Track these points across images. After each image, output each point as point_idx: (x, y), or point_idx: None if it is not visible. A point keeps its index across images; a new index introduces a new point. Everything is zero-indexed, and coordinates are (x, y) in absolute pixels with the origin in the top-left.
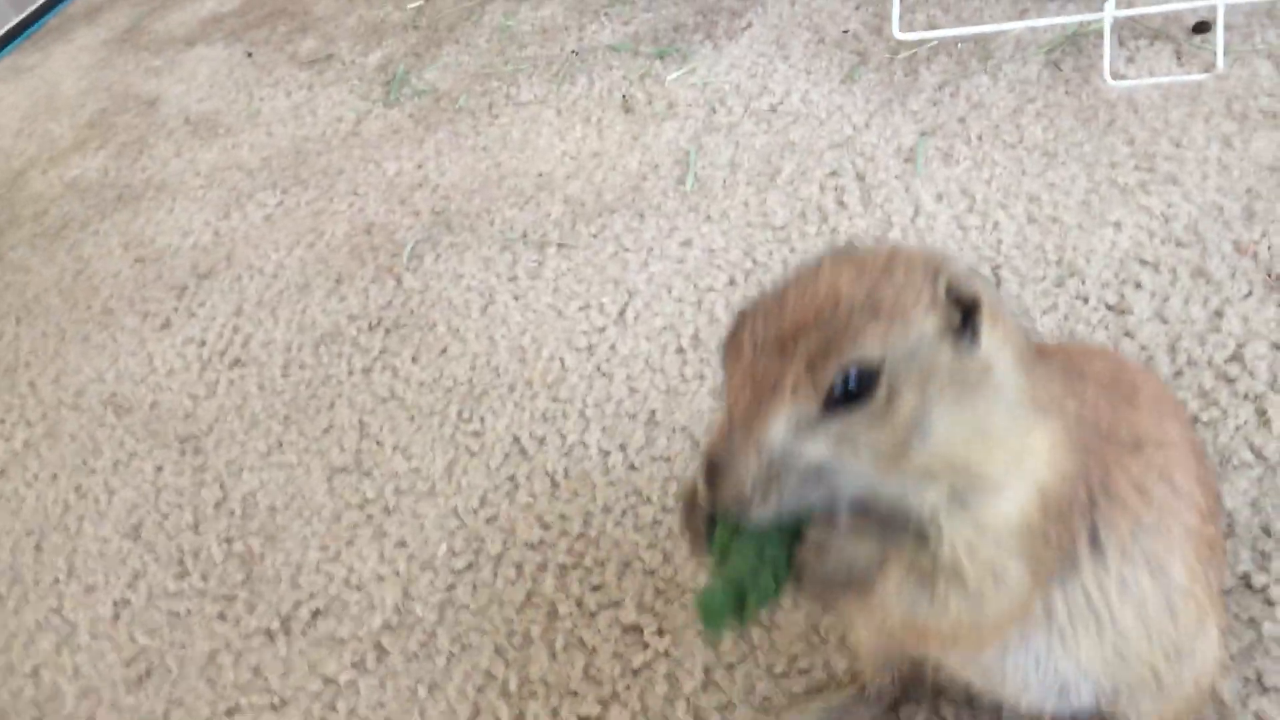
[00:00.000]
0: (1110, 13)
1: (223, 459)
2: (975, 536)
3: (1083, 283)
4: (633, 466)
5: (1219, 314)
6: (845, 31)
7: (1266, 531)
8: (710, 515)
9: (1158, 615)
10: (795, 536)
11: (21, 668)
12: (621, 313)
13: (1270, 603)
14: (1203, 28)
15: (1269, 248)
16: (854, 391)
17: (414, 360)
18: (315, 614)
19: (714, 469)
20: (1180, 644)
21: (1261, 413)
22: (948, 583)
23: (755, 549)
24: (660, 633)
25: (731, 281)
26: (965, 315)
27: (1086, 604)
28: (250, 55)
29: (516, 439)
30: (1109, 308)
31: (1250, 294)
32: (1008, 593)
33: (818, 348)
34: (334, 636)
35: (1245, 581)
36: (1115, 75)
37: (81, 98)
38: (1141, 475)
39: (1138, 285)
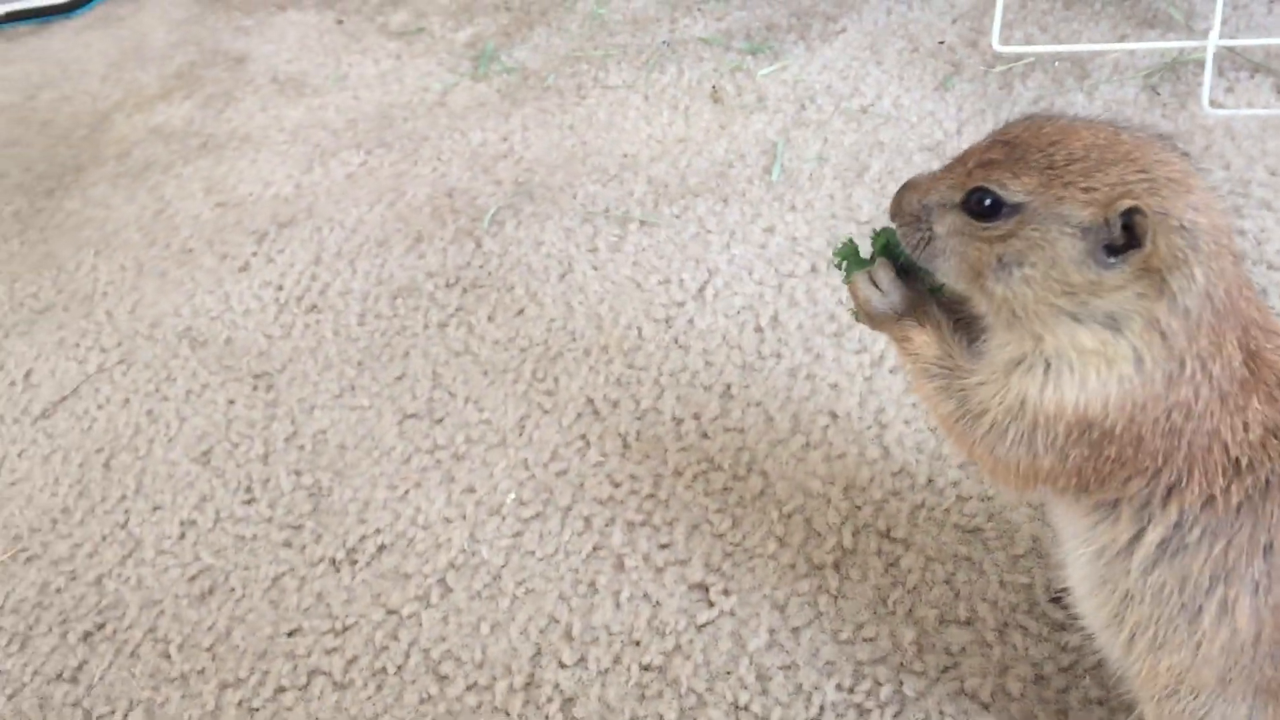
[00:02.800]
0: (1214, 42)
1: (295, 396)
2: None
3: None
4: (705, 435)
5: None
6: (941, 43)
7: None
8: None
9: (1170, 630)
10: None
11: (85, 576)
12: (701, 290)
13: None
14: None
15: None
16: (986, 209)
17: (490, 319)
18: (381, 548)
19: (903, 188)
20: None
21: None
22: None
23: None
24: (726, 593)
25: (813, 269)
26: (1129, 242)
27: (1096, 562)
28: (340, 23)
29: (590, 400)
30: None
31: None
32: (1021, 456)
33: (989, 163)
34: (399, 571)
35: None
36: (1214, 104)
37: (170, 50)
38: (1225, 496)
39: None
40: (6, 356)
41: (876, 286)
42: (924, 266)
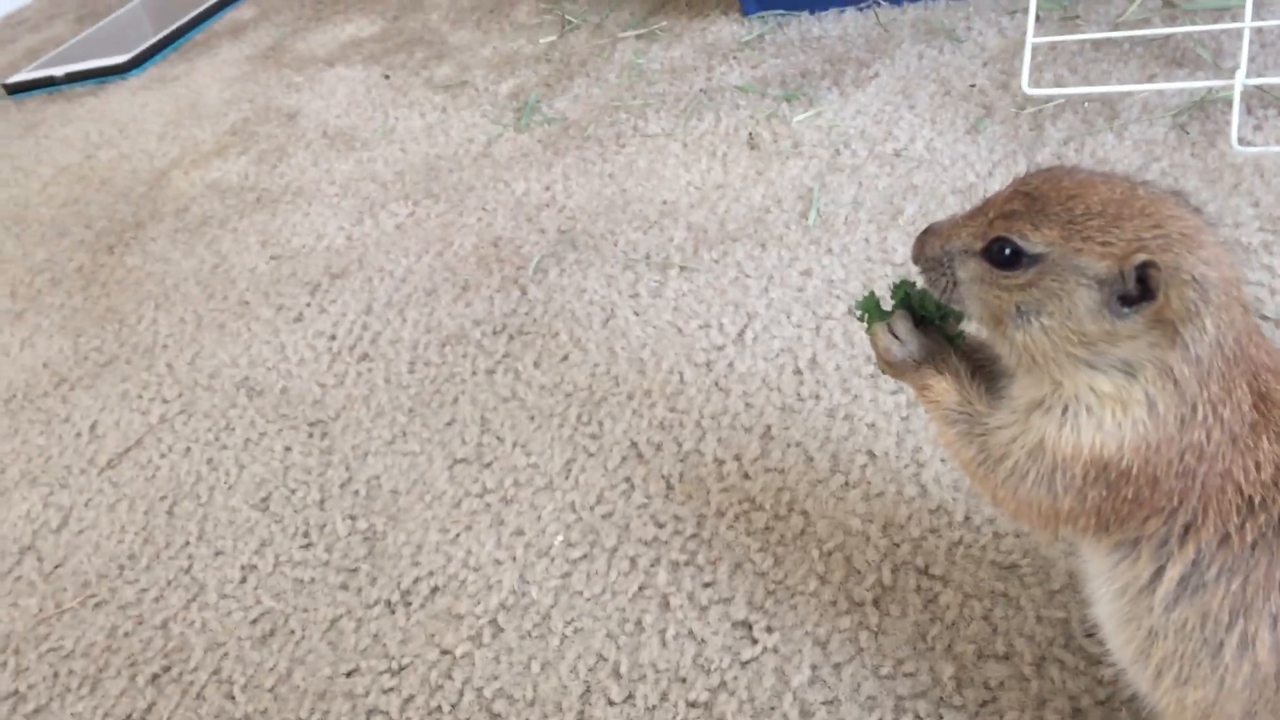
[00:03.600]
0: (1241, 80)
1: (349, 443)
2: (1034, 434)
3: None
4: (746, 475)
5: None
6: (972, 86)
7: None
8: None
9: (1193, 666)
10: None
11: (151, 620)
12: (741, 333)
13: None
14: None
15: None
16: (1007, 258)
17: (535, 365)
18: (434, 590)
19: (924, 233)
20: None
21: None
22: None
23: (901, 301)
24: (769, 630)
25: (850, 311)
26: (1143, 294)
27: (1120, 600)
28: (387, 77)
29: (634, 443)
30: None
31: None
32: (1042, 497)
33: (1011, 214)
34: (451, 611)
35: None
36: (1242, 141)
37: (224, 107)
38: (1240, 534)
39: None
40: (73, 409)
41: (895, 336)
42: (952, 306)
